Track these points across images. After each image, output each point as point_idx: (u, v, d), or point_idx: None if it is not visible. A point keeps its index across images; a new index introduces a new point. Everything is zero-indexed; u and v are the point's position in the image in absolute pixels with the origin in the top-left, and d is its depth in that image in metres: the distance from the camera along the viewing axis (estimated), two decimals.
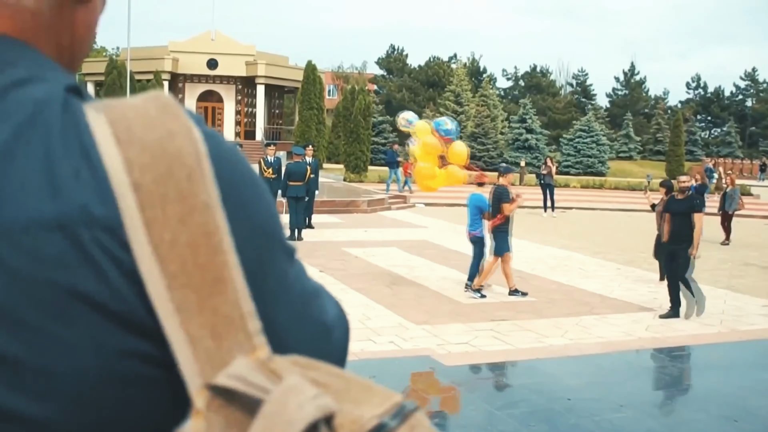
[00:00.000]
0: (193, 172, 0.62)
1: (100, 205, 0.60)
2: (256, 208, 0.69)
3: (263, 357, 0.62)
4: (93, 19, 0.79)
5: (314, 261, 14.10)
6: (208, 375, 0.60)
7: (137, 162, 0.61)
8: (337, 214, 23.28)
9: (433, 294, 11.45)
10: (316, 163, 19.91)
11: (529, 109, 57.76)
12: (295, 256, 0.77)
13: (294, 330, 0.72)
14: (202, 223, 0.61)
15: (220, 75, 53.95)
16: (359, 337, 8.71)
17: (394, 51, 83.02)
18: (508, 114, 65.64)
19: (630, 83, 79.20)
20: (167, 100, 0.66)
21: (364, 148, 37.46)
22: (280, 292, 0.71)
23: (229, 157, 0.68)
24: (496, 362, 7.80)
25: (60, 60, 0.74)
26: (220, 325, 0.61)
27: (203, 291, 0.61)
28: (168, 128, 0.63)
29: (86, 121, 0.63)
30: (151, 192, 0.60)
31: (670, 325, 9.89)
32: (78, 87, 0.68)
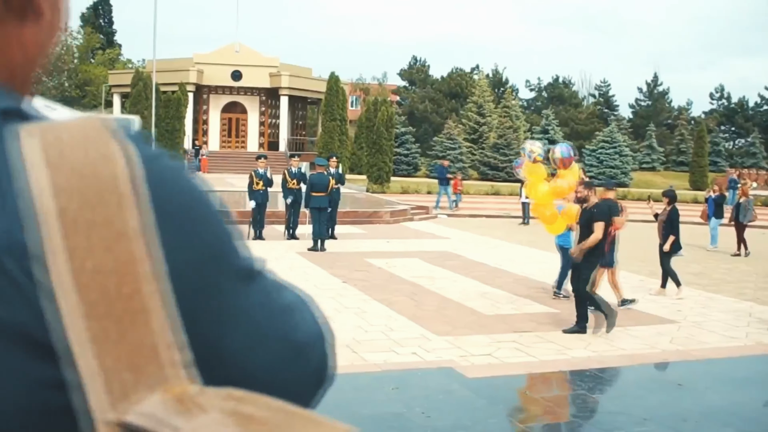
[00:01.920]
0: (124, 197, 0.60)
1: (22, 232, 0.59)
2: (198, 231, 0.67)
3: (190, 391, 0.59)
4: (45, 39, 0.75)
5: (337, 271, 14.15)
6: (123, 410, 0.57)
7: (66, 187, 0.59)
8: (360, 225, 23.33)
9: (456, 305, 11.46)
10: (340, 174, 19.99)
11: (552, 120, 57.70)
12: (255, 275, 0.74)
13: (252, 354, 0.69)
14: (129, 250, 0.60)
15: (244, 86, 54.28)
16: (381, 348, 8.74)
17: (416, 62, 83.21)
18: (531, 125, 65.58)
19: (653, 94, 78.79)
20: (105, 122, 0.64)
21: (387, 159, 37.53)
22: (230, 316, 0.68)
23: (169, 179, 0.66)
24: (518, 374, 7.79)
25: (12, 81, 0.71)
26: (140, 358, 0.59)
27: (124, 321, 0.59)
28: (102, 152, 0.61)
29: (18, 145, 0.61)
30: (77, 218, 0.59)
31: (695, 337, 9.84)
32: (17, 109, 0.66)
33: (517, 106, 68.67)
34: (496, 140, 57.34)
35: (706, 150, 55.92)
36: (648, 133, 64.08)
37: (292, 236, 19.11)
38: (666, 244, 12.93)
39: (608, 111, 76.24)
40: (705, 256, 18.34)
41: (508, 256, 17.45)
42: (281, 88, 53.27)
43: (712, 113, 77.27)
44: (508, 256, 17.60)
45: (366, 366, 7.96)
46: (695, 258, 17.00)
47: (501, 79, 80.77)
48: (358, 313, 10.64)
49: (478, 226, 25.55)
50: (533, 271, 15.01)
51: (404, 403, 6.57)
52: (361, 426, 3.54)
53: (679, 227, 13.17)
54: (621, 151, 55.68)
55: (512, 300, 12.09)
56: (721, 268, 16.46)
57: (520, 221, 26.81)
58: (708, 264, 17.11)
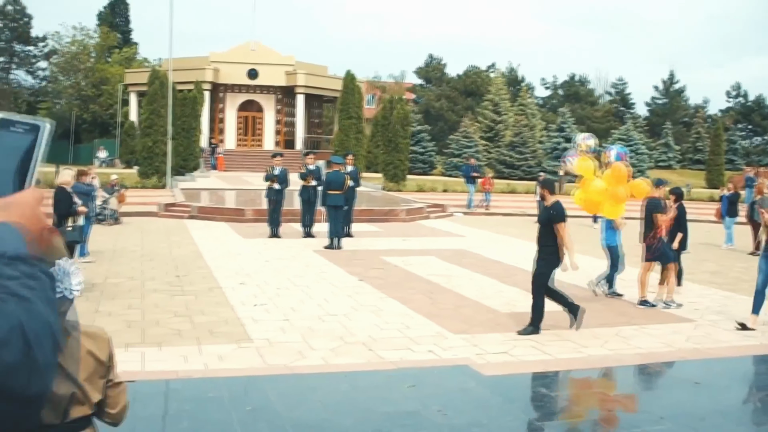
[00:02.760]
0: None
1: None
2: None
3: None
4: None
5: (353, 270, 14.19)
6: None
7: None
8: (376, 223, 23.37)
9: (472, 303, 11.48)
10: (356, 172, 20.02)
11: (568, 118, 57.50)
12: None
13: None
14: None
15: (260, 85, 54.42)
16: (398, 346, 8.78)
17: (432, 60, 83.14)
18: (547, 123, 65.39)
19: (669, 92, 78.44)
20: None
21: (403, 157, 37.51)
22: None
23: None
24: (535, 372, 7.80)
25: None
26: None
27: None
28: None
29: None
30: None
31: (712, 336, 9.81)
32: None
33: (533, 104, 68.56)
34: (512, 138, 57.20)
35: (723, 148, 55.60)
36: (664, 132, 63.80)
37: (309, 234, 19.17)
38: (674, 242, 12.88)
39: (624, 109, 75.98)
40: (721, 255, 18.26)
41: (524, 254, 17.39)
42: (297, 87, 53.36)
43: (728, 111, 76.81)
44: (524, 254, 17.55)
45: (382, 364, 8.00)
46: (711, 257, 16.95)
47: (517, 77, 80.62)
48: (375, 311, 10.68)
49: (494, 224, 25.52)
50: None
51: (420, 400, 6.61)
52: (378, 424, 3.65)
53: (686, 225, 13.17)
54: (637, 150, 55.40)
55: (528, 298, 12.06)
56: (737, 266, 16.37)
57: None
58: (724, 263, 17.03)
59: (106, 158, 55.36)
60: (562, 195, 35.89)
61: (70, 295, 2.41)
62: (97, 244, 15.22)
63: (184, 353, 8.17)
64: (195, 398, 6.47)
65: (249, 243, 17.85)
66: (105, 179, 24.15)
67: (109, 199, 22.25)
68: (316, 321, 9.83)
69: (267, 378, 7.33)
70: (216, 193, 32.22)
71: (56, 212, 12.15)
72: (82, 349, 2.49)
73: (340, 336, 9.16)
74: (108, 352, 2.58)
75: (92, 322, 9.23)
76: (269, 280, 12.96)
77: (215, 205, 25.52)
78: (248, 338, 8.93)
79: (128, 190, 25.63)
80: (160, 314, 10.09)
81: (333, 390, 6.97)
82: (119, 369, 2.76)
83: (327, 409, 6.33)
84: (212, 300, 11.17)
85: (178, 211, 24.52)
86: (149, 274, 13.39)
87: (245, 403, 6.53)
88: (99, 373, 2.53)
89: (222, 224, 22.09)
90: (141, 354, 8.07)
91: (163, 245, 17.28)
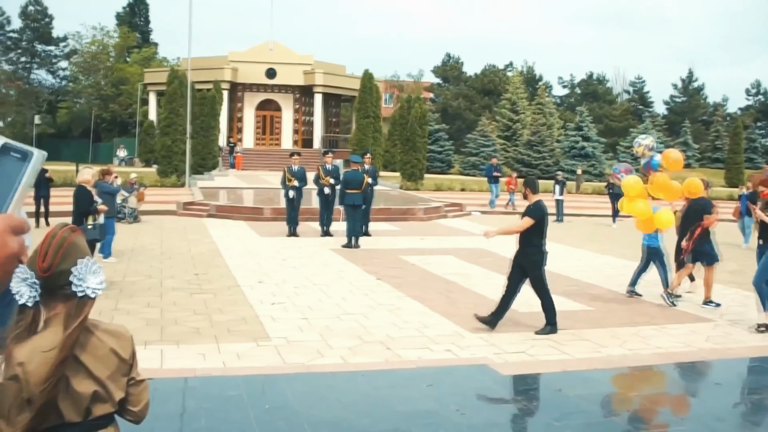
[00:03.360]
0: None
1: None
2: None
3: None
4: None
5: (371, 269, 14.20)
6: None
7: None
8: (394, 222, 23.37)
9: (490, 302, 11.41)
10: (374, 171, 20.03)
11: (586, 117, 57.26)
12: None
13: None
14: None
15: (278, 84, 54.57)
16: (416, 345, 8.77)
17: (449, 59, 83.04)
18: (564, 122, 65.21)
19: (688, 90, 77.97)
20: None
21: (420, 156, 37.48)
22: None
23: None
24: (553, 372, 7.78)
25: None
26: None
27: None
28: None
29: None
30: None
31: (732, 336, 9.74)
32: None
33: (551, 103, 68.32)
34: (529, 137, 57.08)
35: (742, 146, 55.23)
36: (683, 130, 63.45)
37: (327, 233, 19.20)
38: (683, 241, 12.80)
39: (643, 107, 75.60)
40: (741, 255, 18.11)
41: None
42: (315, 86, 53.47)
43: (748, 109, 76.25)
44: None
45: (400, 363, 8.00)
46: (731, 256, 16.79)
47: (534, 76, 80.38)
48: (393, 310, 10.68)
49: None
50: (568, 269, 14.96)
51: (439, 400, 6.60)
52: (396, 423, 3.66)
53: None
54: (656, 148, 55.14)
55: None
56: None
57: (554, 219, 26.68)
58: (744, 262, 16.87)
59: (126, 157, 55.68)
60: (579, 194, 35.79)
61: (92, 294, 2.43)
62: (117, 243, 15.31)
63: (203, 351, 8.21)
64: (213, 396, 6.49)
65: (267, 242, 17.90)
66: (124, 178, 24.30)
67: (129, 197, 22.38)
68: (334, 320, 9.84)
69: (285, 377, 7.34)
70: (234, 191, 32.32)
71: (76, 210, 12.23)
72: (105, 347, 2.50)
73: (358, 335, 9.17)
74: (130, 350, 2.60)
75: (111, 320, 9.30)
76: (287, 278, 12.99)
77: (233, 204, 25.60)
78: (267, 337, 8.95)
79: (147, 188, 25.76)
80: (179, 312, 10.13)
81: (351, 389, 6.98)
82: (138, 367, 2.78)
83: (345, 408, 6.34)
84: (231, 298, 11.21)
85: (196, 210, 24.63)
86: (168, 272, 13.45)
87: (263, 401, 6.55)
88: (122, 371, 2.55)
89: (240, 223, 22.17)
90: (160, 352, 8.11)
91: (181, 244, 17.36)
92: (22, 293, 2.35)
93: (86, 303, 2.42)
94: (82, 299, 2.41)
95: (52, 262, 2.38)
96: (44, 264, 2.37)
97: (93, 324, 2.51)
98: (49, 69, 72.03)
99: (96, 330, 2.52)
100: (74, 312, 2.40)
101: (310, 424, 5.98)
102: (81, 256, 2.44)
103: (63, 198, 20.22)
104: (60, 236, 2.44)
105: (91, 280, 2.43)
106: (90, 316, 2.50)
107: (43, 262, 2.38)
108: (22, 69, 70.09)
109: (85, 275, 2.42)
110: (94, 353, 2.47)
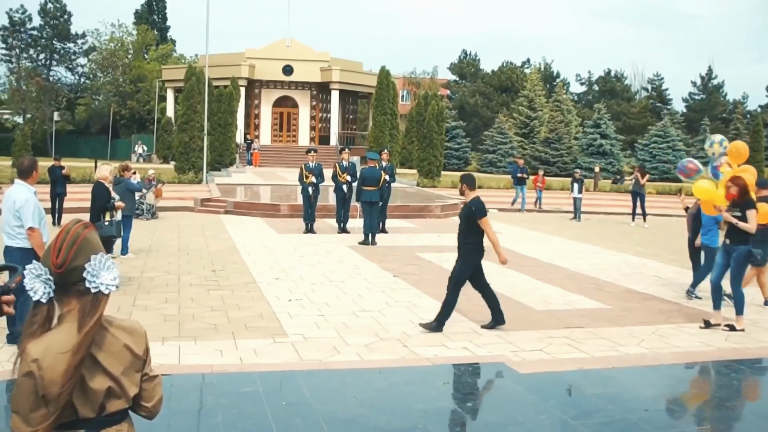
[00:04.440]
0: None
1: None
2: None
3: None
4: None
5: (388, 266, 14.18)
6: None
7: None
8: (411, 219, 23.35)
9: (506, 300, 11.38)
10: (392, 168, 19.99)
11: (604, 114, 56.95)
12: None
13: None
14: None
15: (295, 81, 54.67)
16: (432, 342, 8.74)
17: (466, 56, 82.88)
18: (582, 119, 64.96)
19: (707, 87, 77.39)
20: None
21: (438, 153, 37.40)
22: None
23: None
24: (570, 370, 7.72)
25: None
26: None
27: None
28: None
29: None
30: None
31: (751, 335, 9.65)
32: None
33: (568, 100, 68.04)
34: (547, 134, 56.89)
35: (762, 144, 54.68)
36: (702, 128, 62.95)
37: (343, 230, 19.20)
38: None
39: (661, 105, 75.10)
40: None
41: (559, 251, 17.31)
42: (332, 83, 53.52)
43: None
44: (560, 251, 17.46)
45: (417, 360, 7.97)
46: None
47: (552, 73, 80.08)
48: (409, 307, 10.65)
49: (529, 220, 25.39)
50: (585, 267, 14.88)
51: (455, 398, 6.57)
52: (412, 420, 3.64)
53: None
54: (674, 146, 54.81)
55: (564, 295, 12.00)
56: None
57: (571, 216, 26.59)
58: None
59: (144, 153, 55.92)
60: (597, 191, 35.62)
61: (106, 290, 2.42)
62: (135, 239, 15.36)
63: (220, 347, 8.21)
64: (230, 392, 6.49)
65: (284, 238, 17.92)
66: (142, 174, 24.42)
67: (147, 194, 22.46)
68: (350, 317, 9.83)
69: (302, 373, 7.34)
70: (251, 188, 32.38)
71: (94, 207, 12.28)
72: (119, 343, 2.49)
73: (375, 332, 9.15)
74: (144, 346, 2.59)
75: (129, 316, 9.33)
76: (304, 275, 12.99)
77: (250, 201, 25.63)
78: (283, 333, 8.95)
79: (165, 185, 25.85)
80: (196, 308, 10.15)
81: (367, 386, 6.96)
82: (155, 362, 2.77)
83: (362, 405, 6.32)
84: (248, 295, 11.22)
85: (213, 207, 24.69)
86: (185, 268, 13.49)
87: (280, 398, 6.54)
88: (135, 367, 2.53)
89: (257, 219, 22.21)
90: (177, 348, 8.13)
91: (199, 240, 17.41)
92: (37, 290, 2.34)
93: (100, 299, 2.41)
94: (96, 295, 2.40)
95: (65, 259, 2.37)
96: (58, 260, 2.37)
97: (107, 320, 2.50)
98: (68, 66, 72.43)
99: (110, 326, 2.50)
100: (89, 309, 2.39)
101: (326, 420, 5.96)
102: (94, 252, 2.43)
103: (81, 195, 20.34)
104: (74, 232, 2.43)
105: (104, 276, 2.41)
106: (107, 312, 2.49)
107: (57, 258, 2.37)
108: (41, 66, 70.51)
109: (99, 271, 2.40)
110: (108, 349, 2.46)
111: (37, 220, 7.75)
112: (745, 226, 9.59)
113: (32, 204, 7.75)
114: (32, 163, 8.13)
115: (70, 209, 20.00)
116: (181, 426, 5.69)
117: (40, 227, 7.76)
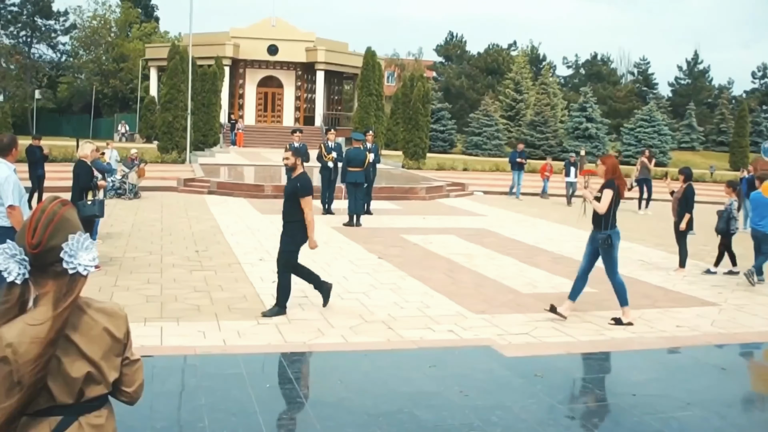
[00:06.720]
0: None
1: None
2: None
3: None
4: None
5: (372, 247, 14.10)
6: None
7: None
8: (396, 201, 23.27)
9: (493, 283, 11.35)
10: (376, 149, 19.88)
11: (590, 98, 57.00)
12: None
13: None
14: None
15: (280, 61, 54.35)
16: (418, 325, 8.68)
17: (453, 38, 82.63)
18: (568, 102, 64.99)
19: (693, 72, 77.61)
20: None
21: (423, 135, 37.32)
22: None
23: None
24: (557, 354, 7.68)
25: None
26: None
27: None
28: None
29: None
30: None
31: (737, 320, 9.65)
32: None
33: (555, 84, 68.01)
34: (532, 117, 56.88)
35: (747, 130, 55.02)
36: (688, 112, 63.14)
37: (328, 211, 19.09)
38: (682, 223, 12.80)
39: (647, 89, 75.25)
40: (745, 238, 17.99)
41: (546, 235, 17.29)
42: (317, 63, 53.22)
43: (753, 93, 75.95)
44: (546, 234, 17.44)
45: (402, 343, 7.90)
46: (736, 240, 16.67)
47: (538, 56, 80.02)
48: (394, 289, 10.58)
49: (515, 203, 25.36)
50: (571, 250, 14.84)
51: (441, 381, 6.51)
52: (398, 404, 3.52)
53: (693, 205, 13.07)
54: (660, 130, 54.93)
55: (550, 279, 11.96)
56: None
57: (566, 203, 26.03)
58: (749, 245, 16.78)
59: (127, 133, 55.52)
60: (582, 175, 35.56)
61: (84, 271, 2.30)
62: (117, 219, 15.19)
63: (203, 329, 8.12)
64: (213, 374, 6.40)
65: (268, 219, 17.78)
66: (125, 154, 24.19)
67: (129, 173, 22.24)
68: (335, 298, 9.73)
69: (286, 355, 7.26)
70: (235, 168, 32.20)
71: (76, 186, 12.09)
72: (98, 327, 2.38)
73: (360, 314, 9.07)
74: (125, 329, 2.47)
75: (111, 297, 9.21)
76: None
77: (234, 181, 25.47)
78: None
79: (148, 164, 25.61)
80: (179, 289, 10.04)
81: (353, 369, 6.88)
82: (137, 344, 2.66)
83: (347, 388, 6.25)
84: (231, 276, 11.11)
85: (197, 187, 24.51)
86: (168, 248, 13.35)
87: (264, 380, 6.46)
88: (115, 351, 2.42)
89: (241, 200, 22.06)
90: (159, 329, 8.02)
91: (182, 220, 17.26)
92: (11, 270, 2.22)
93: (78, 280, 2.29)
94: (74, 276, 2.28)
95: (41, 238, 2.25)
96: (33, 240, 2.24)
97: (85, 302, 2.39)
98: (49, 43, 71.59)
99: (88, 309, 2.39)
100: (65, 290, 2.26)
101: (311, 403, 5.89)
102: (72, 231, 2.31)
103: (63, 174, 20.09)
104: (50, 210, 2.31)
105: (82, 256, 2.29)
106: (88, 293, 2.38)
107: (33, 238, 2.25)
108: (22, 43, 69.65)
109: (77, 251, 2.28)
110: (87, 333, 2.34)
111: (18, 197, 7.59)
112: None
113: (12, 181, 7.58)
114: (11, 140, 7.95)
115: (51, 187, 19.75)
116: (164, 408, 5.60)
117: (20, 205, 7.61)
